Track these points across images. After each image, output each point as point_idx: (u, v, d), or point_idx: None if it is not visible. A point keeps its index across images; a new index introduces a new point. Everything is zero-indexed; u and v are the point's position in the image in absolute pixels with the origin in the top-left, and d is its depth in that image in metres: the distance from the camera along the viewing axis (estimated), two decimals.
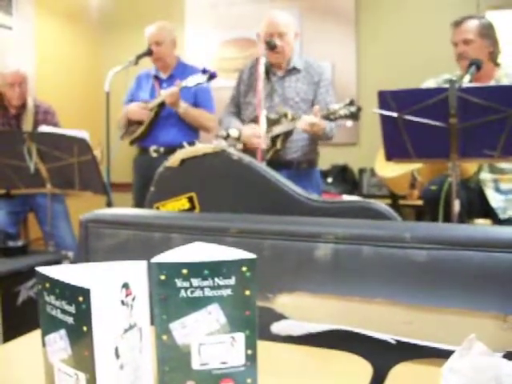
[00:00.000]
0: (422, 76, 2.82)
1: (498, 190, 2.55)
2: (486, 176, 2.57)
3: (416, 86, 2.75)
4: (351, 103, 2.57)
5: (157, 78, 3.60)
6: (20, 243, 2.73)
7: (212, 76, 3.20)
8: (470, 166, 2.55)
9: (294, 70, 2.95)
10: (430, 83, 2.73)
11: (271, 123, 2.76)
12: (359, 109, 2.57)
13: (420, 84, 2.78)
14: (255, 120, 2.84)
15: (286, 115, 2.80)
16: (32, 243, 3.89)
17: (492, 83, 2.58)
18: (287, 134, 2.81)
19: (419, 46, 4.26)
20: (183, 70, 3.57)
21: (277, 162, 2.64)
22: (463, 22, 2.61)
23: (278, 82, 2.94)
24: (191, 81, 3.21)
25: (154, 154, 3.45)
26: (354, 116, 2.57)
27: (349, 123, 2.61)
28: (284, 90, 2.92)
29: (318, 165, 3.12)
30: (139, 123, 3.50)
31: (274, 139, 2.78)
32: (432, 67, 2.87)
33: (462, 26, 2.60)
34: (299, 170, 2.88)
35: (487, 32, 2.59)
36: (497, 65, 2.64)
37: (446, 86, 2.00)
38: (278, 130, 2.77)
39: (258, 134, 2.69)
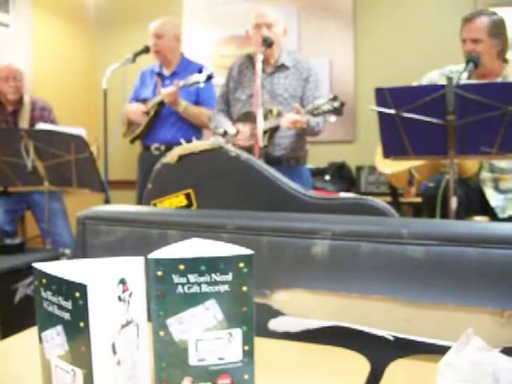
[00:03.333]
0: (419, 73, 2.81)
1: (497, 189, 2.55)
2: (485, 175, 2.57)
3: (415, 82, 2.74)
4: (334, 98, 2.57)
5: (160, 75, 3.59)
6: (17, 241, 2.73)
7: (210, 77, 3.20)
8: (472, 166, 2.55)
9: (282, 67, 2.95)
10: (435, 74, 2.72)
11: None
12: (342, 104, 2.56)
13: (419, 80, 2.77)
14: (242, 117, 2.85)
15: (271, 111, 2.79)
16: (29, 241, 3.89)
17: (499, 80, 2.57)
18: (273, 131, 2.80)
19: (417, 43, 4.26)
20: (186, 66, 3.56)
21: (266, 159, 2.64)
22: (474, 19, 2.54)
23: (266, 78, 2.93)
24: (189, 80, 3.21)
25: (156, 152, 3.45)
26: (337, 111, 2.56)
27: (332, 118, 2.60)
28: (272, 86, 2.92)
29: (315, 162, 3.12)
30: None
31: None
32: (430, 64, 2.86)
33: (472, 23, 2.54)
34: (289, 167, 2.87)
35: (497, 31, 2.52)
36: (505, 61, 2.61)
37: (445, 83, 2.00)
38: (263, 126, 2.76)
39: (245, 136, 2.71)
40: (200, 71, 3.27)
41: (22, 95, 3.52)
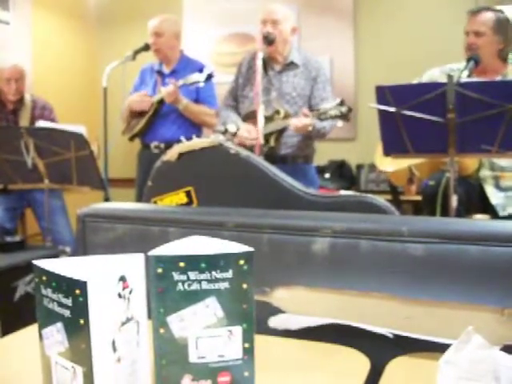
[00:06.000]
0: (420, 71, 2.81)
1: (497, 187, 2.54)
2: (486, 173, 2.57)
3: (415, 79, 2.74)
4: (342, 103, 2.55)
5: (160, 72, 3.58)
6: (18, 238, 2.73)
7: (210, 76, 3.19)
8: (471, 164, 2.55)
9: (291, 65, 2.93)
10: (435, 72, 2.72)
11: (265, 120, 2.73)
12: (350, 109, 2.55)
13: (419, 77, 2.77)
14: (250, 115, 2.84)
15: (278, 112, 2.78)
16: (30, 238, 3.89)
17: (499, 78, 2.57)
18: (280, 132, 2.79)
19: (417, 41, 4.26)
20: (186, 64, 3.55)
21: (271, 158, 2.62)
22: (479, 13, 2.54)
23: (275, 76, 2.92)
24: (189, 80, 3.20)
25: (155, 150, 3.44)
26: (344, 116, 2.54)
27: (339, 123, 2.59)
28: (281, 84, 2.90)
29: (316, 160, 3.11)
30: (141, 114, 3.48)
31: (267, 137, 2.76)
32: (430, 62, 2.86)
33: (478, 16, 2.53)
34: (295, 166, 2.86)
35: (501, 28, 2.52)
36: (505, 61, 2.61)
37: (445, 81, 2.00)
38: (270, 128, 2.75)
39: (252, 136, 2.70)
40: (200, 70, 3.26)
41: (23, 95, 3.52)
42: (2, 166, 2.93)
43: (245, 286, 0.86)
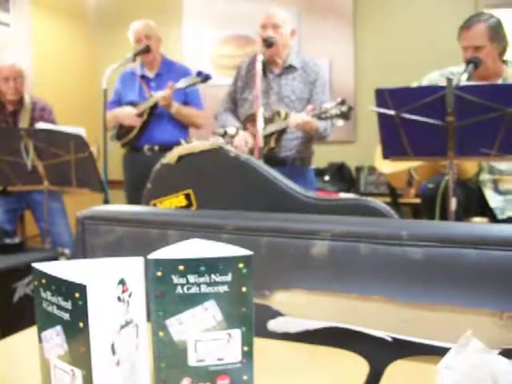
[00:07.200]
0: (419, 73, 2.81)
1: (496, 190, 2.54)
2: (485, 177, 2.57)
3: (415, 82, 2.74)
4: (342, 103, 2.56)
5: (143, 77, 3.58)
6: (17, 240, 2.73)
7: (207, 78, 3.20)
8: (471, 168, 2.55)
9: (290, 68, 2.94)
10: (435, 75, 2.72)
11: (265, 121, 2.74)
12: (350, 108, 2.56)
13: (419, 80, 2.77)
14: (250, 118, 2.84)
15: (278, 113, 2.78)
16: (29, 240, 3.89)
17: (500, 81, 2.57)
18: (281, 133, 2.80)
19: (417, 44, 4.27)
20: (170, 67, 3.57)
21: (271, 160, 2.63)
22: (472, 27, 2.51)
23: (274, 79, 2.93)
24: (184, 82, 3.21)
25: (149, 153, 3.45)
26: (345, 115, 2.55)
27: (340, 123, 2.60)
28: (280, 87, 2.91)
29: (315, 163, 3.11)
30: (130, 127, 3.49)
31: (267, 138, 2.76)
32: (430, 65, 2.87)
33: (471, 30, 2.50)
34: (293, 168, 2.86)
35: (497, 34, 2.51)
36: (505, 63, 2.61)
37: (445, 84, 2.00)
38: (270, 128, 2.76)
39: (249, 147, 2.71)
40: (185, 73, 3.30)
41: (23, 95, 3.51)
42: (1, 167, 2.93)
43: (244, 289, 0.86)
